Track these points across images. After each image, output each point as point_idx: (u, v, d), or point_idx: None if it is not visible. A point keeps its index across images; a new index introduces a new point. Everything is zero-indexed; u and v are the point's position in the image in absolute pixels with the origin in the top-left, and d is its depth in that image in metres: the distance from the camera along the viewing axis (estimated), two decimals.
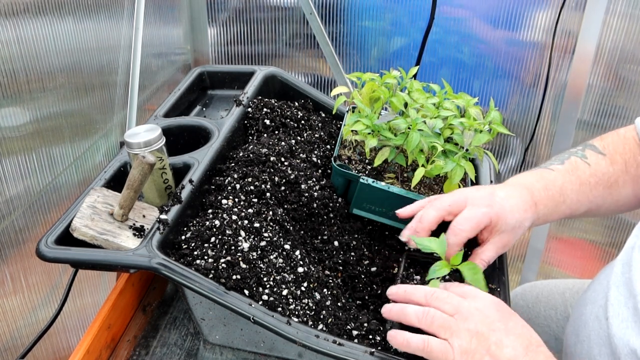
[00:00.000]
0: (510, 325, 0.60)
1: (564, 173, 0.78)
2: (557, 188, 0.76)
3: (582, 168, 0.78)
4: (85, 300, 1.20)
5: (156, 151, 0.80)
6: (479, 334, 0.59)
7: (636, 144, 0.79)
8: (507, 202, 0.73)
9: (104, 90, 1.22)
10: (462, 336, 0.59)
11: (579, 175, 0.78)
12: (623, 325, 0.63)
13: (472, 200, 0.73)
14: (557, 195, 0.76)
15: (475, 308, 0.61)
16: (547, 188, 0.76)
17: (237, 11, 1.64)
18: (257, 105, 1.02)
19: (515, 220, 0.73)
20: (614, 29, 1.42)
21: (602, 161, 0.78)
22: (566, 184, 0.77)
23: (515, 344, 0.58)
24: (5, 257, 0.96)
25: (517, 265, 1.84)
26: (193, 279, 0.67)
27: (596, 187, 0.77)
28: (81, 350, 0.72)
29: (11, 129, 0.93)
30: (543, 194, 0.76)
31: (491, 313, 0.61)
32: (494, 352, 0.58)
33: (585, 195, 0.77)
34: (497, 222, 0.72)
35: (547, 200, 0.76)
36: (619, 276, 0.67)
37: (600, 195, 0.78)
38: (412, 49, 1.59)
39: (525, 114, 1.60)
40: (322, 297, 0.72)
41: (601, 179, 0.78)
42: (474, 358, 0.58)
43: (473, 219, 0.71)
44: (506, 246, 0.75)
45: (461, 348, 0.59)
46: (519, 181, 0.77)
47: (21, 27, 0.92)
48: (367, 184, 0.83)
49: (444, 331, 0.61)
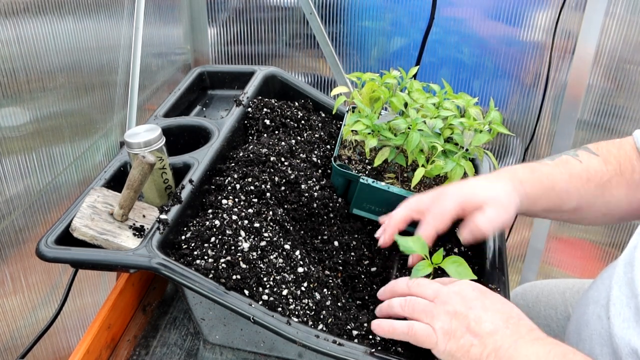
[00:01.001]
0: (488, 303, 0.62)
1: (553, 166, 0.77)
2: (545, 174, 0.75)
3: (573, 163, 0.77)
4: (85, 300, 1.20)
5: (156, 151, 0.80)
6: (457, 313, 0.61)
7: (633, 150, 0.78)
8: (478, 183, 0.73)
9: (104, 90, 1.22)
10: (442, 318, 0.62)
11: (569, 169, 0.76)
12: (624, 325, 0.63)
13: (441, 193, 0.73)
14: (545, 179, 0.75)
15: (453, 292, 0.63)
16: (534, 171, 0.75)
17: (237, 11, 1.64)
18: (257, 105, 1.02)
19: (493, 190, 0.71)
20: (614, 29, 1.42)
21: (595, 160, 0.77)
22: (555, 174, 0.76)
23: (494, 318, 0.60)
24: (5, 257, 0.96)
25: (517, 265, 1.84)
26: (193, 279, 0.67)
27: (587, 183, 0.76)
28: (81, 350, 0.72)
29: (11, 128, 0.93)
30: (529, 175, 0.75)
31: (468, 293, 0.63)
32: (474, 328, 0.60)
33: (576, 188, 0.76)
34: (471, 200, 0.71)
35: (534, 181, 0.74)
36: (622, 276, 0.67)
37: (591, 193, 0.76)
38: (412, 49, 1.59)
39: (525, 114, 1.60)
40: (322, 297, 0.72)
41: (593, 175, 0.76)
42: (456, 336, 0.60)
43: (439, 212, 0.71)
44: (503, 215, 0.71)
45: (442, 329, 0.61)
46: (504, 169, 0.76)
47: (21, 27, 0.92)
48: (367, 184, 0.83)
49: (425, 315, 0.63)
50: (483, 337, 0.59)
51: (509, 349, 0.57)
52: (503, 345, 0.58)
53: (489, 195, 0.71)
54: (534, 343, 0.57)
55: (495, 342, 0.58)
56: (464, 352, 0.59)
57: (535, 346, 0.57)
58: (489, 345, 0.58)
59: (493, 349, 0.58)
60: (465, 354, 0.59)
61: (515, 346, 0.57)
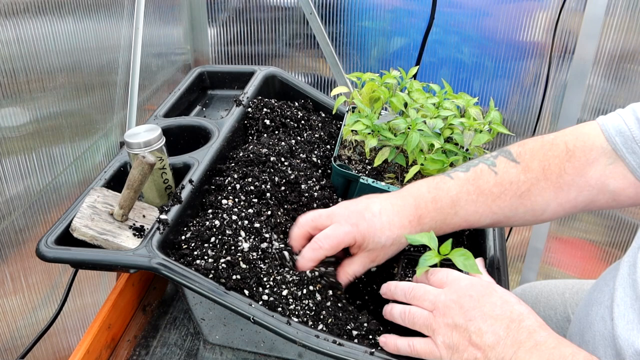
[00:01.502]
0: (487, 309, 0.60)
1: (463, 182, 0.74)
2: (448, 200, 0.73)
3: (486, 177, 0.74)
4: (85, 300, 1.20)
5: (156, 151, 0.80)
6: (457, 326, 0.60)
7: (565, 149, 0.74)
8: (378, 219, 0.71)
9: (104, 90, 1.22)
10: (442, 332, 0.61)
11: (479, 185, 0.73)
12: (629, 327, 0.62)
13: (339, 217, 0.71)
14: (447, 207, 0.73)
15: (450, 300, 0.62)
16: (436, 200, 0.73)
17: (237, 11, 1.64)
18: (257, 105, 1.02)
19: (386, 238, 0.71)
20: (614, 29, 1.42)
21: (513, 169, 0.74)
22: (461, 195, 0.73)
23: (495, 327, 0.59)
24: (5, 257, 0.96)
25: (517, 265, 1.84)
26: (193, 279, 0.67)
27: (501, 197, 0.73)
28: (81, 350, 0.72)
29: (11, 129, 0.93)
30: (430, 206, 0.73)
31: (466, 302, 0.61)
32: (475, 341, 0.59)
33: (487, 206, 0.73)
34: (362, 241, 0.71)
35: (435, 212, 0.73)
36: (625, 277, 0.67)
37: (507, 206, 0.74)
38: (412, 49, 1.59)
39: (525, 114, 1.60)
40: (322, 298, 0.72)
41: (508, 188, 0.73)
42: (459, 350, 0.60)
43: (333, 238, 0.70)
44: (374, 261, 0.74)
45: (444, 344, 0.60)
46: (411, 192, 0.74)
47: (21, 27, 0.92)
48: (367, 184, 0.83)
49: (426, 329, 0.62)
50: (485, 350, 0.58)
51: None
52: (504, 357, 0.58)
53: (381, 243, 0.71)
54: (533, 352, 0.57)
55: (498, 354, 0.58)
56: None
57: (534, 356, 0.57)
58: (492, 358, 0.58)
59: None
60: None
61: (515, 358, 0.57)
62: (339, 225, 0.71)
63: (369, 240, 0.71)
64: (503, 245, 0.83)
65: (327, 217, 0.73)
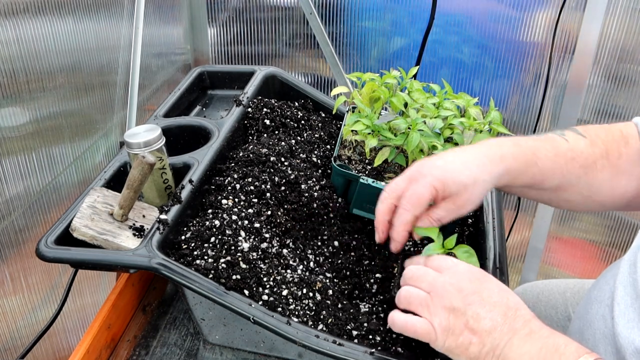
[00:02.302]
0: (485, 295, 0.60)
1: (539, 141, 0.74)
2: (529, 147, 0.73)
3: (559, 141, 0.75)
4: (85, 300, 1.20)
5: (156, 151, 0.80)
6: (455, 309, 0.60)
7: (621, 135, 0.76)
8: (452, 163, 0.69)
9: (104, 90, 1.22)
10: (440, 314, 0.61)
11: (555, 146, 0.74)
12: (629, 326, 0.63)
13: (413, 175, 0.70)
14: (529, 154, 0.72)
15: (449, 283, 0.62)
16: (517, 144, 0.73)
17: (237, 11, 1.64)
18: (257, 105, 1.02)
19: (466, 177, 0.68)
20: (614, 28, 1.42)
21: (582, 141, 0.76)
22: (540, 149, 0.73)
23: (493, 313, 0.59)
24: (5, 257, 0.96)
25: (517, 265, 1.84)
26: (193, 279, 0.67)
27: (572, 162, 0.74)
28: (81, 350, 0.72)
29: (11, 129, 0.93)
30: (513, 149, 0.71)
31: (465, 286, 0.61)
32: (472, 325, 0.59)
33: (559, 166, 0.73)
34: (442, 187, 0.68)
35: (517, 154, 0.71)
36: (626, 276, 0.67)
37: (575, 173, 0.74)
38: (412, 49, 1.59)
39: (525, 114, 1.60)
40: (322, 298, 0.72)
41: (579, 156, 0.74)
42: (454, 333, 0.60)
43: (412, 195, 0.69)
44: (462, 207, 0.70)
45: (441, 326, 0.60)
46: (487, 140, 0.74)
47: (21, 27, 0.92)
48: (367, 184, 0.83)
49: (422, 309, 0.62)
50: (482, 335, 0.59)
51: (504, 347, 0.57)
52: (500, 344, 0.58)
53: (463, 183, 0.68)
54: (527, 340, 0.57)
55: (494, 340, 0.58)
56: (463, 349, 0.59)
57: (527, 344, 0.57)
58: (487, 343, 0.58)
59: (491, 348, 0.58)
60: (464, 351, 0.59)
61: (509, 344, 0.57)
62: (415, 182, 0.70)
63: (448, 183, 0.68)
64: (503, 245, 0.83)
65: (403, 180, 0.71)
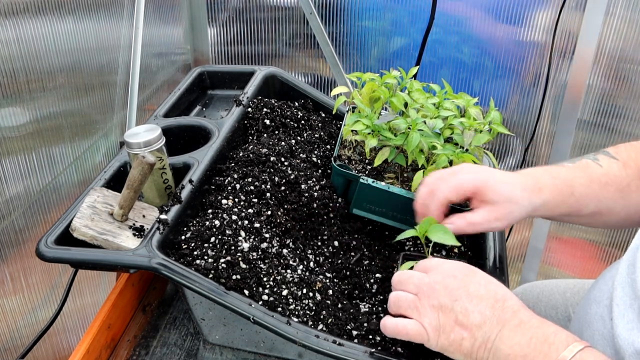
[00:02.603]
0: (472, 289, 0.61)
1: (573, 169, 0.76)
2: (564, 180, 0.75)
3: (593, 167, 0.77)
4: (85, 300, 1.20)
5: (156, 151, 0.80)
6: (443, 307, 0.60)
7: None
8: (499, 174, 0.72)
9: (104, 90, 1.22)
10: (428, 314, 0.61)
11: (589, 173, 0.76)
12: (629, 327, 0.63)
13: (460, 169, 0.74)
14: (564, 186, 0.74)
15: (434, 282, 0.62)
16: (553, 177, 0.74)
17: (237, 11, 1.64)
18: (257, 105, 1.02)
19: (509, 192, 0.70)
20: (614, 29, 1.42)
21: (615, 164, 0.77)
22: (575, 179, 0.75)
23: (480, 307, 0.59)
24: (5, 257, 0.96)
25: (517, 265, 1.84)
26: (193, 279, 0.67)
27: (606, 187, 0.75)
28: (81, 350, 0.72)
29: (11, 129, 0.93)
30: (549, 181, 0.74)
31: (450, 282, 0.62)
32: (462, 321, 0.59)
33: (595, 193, 0.75)
34: (484, 188, 0.70)
35: (554, 187, 0.74)
36: (624, 277, 0.67)
37: (610, 197, 0.76)
38: (412, 49, 1.59)
39: (525, 114, 1.60)
40: (322, 298, 0.72)
41: (613, 180, 0.76)
42: (445, 331, 0.60)
43: (455, 181, 0.71)
44: (497, 219, 0.71)
45: (431, 325, 0.61)
46: (526, 171, 0.76)
47: (21, 27, 0.92)
48: (367, 184, 0.83)
49: (412, 311, 0.63)
50: (472, 329, 0.59)
51: (495, 340, 0.58)
52: (490, 337, 0.58)
53: (503, 194, 0.70)
54: (517, 330, 0.57)
55: (484, 333, 0.58)
56: (456, 346, 0.60)
57: (517, 335, 0.57)
58: (479, 337, 0.59)
59: (483, 341, 0.58)
60: (457, 348, 0.60)
61: (500, 336, 0.58)
62: (461, 173, 0.72)
63: (489, 187, 0.70)
64: (503, 245, 0.83)
65: (449, 174, 0.74)
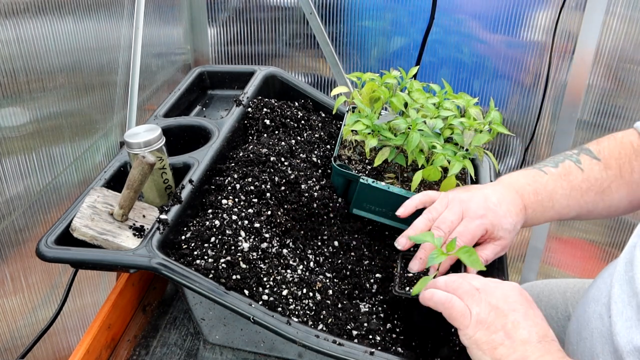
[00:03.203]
0: (530, 313, 0.61)
1: (556, 177, 0.79)
2: (547, 193, 0.78)
3: (575, 173, 0.79)
4: (85, 300, 1.20)
5: (156, 151, 0.80)
6: (498, 309, 0.61)
7: (632, 149, 0.79)
8: (500, 208, 0.75)
9: (104, 90, 1.22)
10: (482, 306, 0.61)
11: (570, 180, 0.79)
12: (627, 324, 0.63)
13: (467, 212, 0.75)
14: (546, 200, 0.78)
15: (499, 289, 0.63)
16: (537, 192, 0.78)
17: (237, 11, 1.64)
18: (257, 105, 1.02)
19: (510, 224, 0.75)
20: (613, 29, 1.42)
21: (596, 167, 0.80)
22: (557, 189, 0.78)
23: (532, 329, 0.59)
24: (5, 257, 0.96)
25: (517, 265, 1.84)
26: (193, 279, 0.67)
27: (587, 193, 0.79)
28: (81, 350, 0.72)
29: (11, 129, 0.93)
30: (532, 198, 0.78)
31: (514, 295, 0.62)
32: (510, 330, 0.59)
33: (576, 201, 0.79)
34: (492, 230, 0.75)
35: (536, 205, 0.78)
36: (622, 275, 0.67)
37: (591, 201, 0.79)
38: (412, 49, 1.59)
39: (525, 114, 1.60)
40: (322, 297, 0.72)
41: (593, 184, 0.79)
42: (489, 329, 0.60)
43: (468, 234, 0.74)
44: (505, 249, 0.77)
45: (478, 316, 0.60)
46: (511, 182, 0.79)
47: (21, 27, 0.92)
48: (367, 184, 0.83)
49: (467, 297, 0.62)
50: (515, 341, 0.59)
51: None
52: (531, 357, 0.57)
53: (507, 229, 0.75)
54: None
55: (525, 350, 0.58)
56: (491, 347, 0.59)
57: None
58: (518, 351, 0.58)
59: (521, 357, 0.58)
60: (491, 349, 0.59)
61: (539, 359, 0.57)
62: (470, 220, 0.75)
63: (498, 228, 0.75)
64: None
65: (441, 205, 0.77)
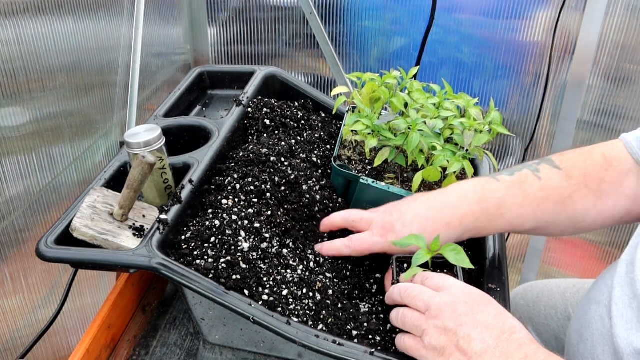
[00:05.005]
0: (479, 317, 0.60)
1: (508, 185, 0.75)
2: (495, 201, 0.74)
3: (531, 182, 0.74)
4: (85, 300, 1.20)
5: (156, 151, 0.80)
6: (447, 330, 0.60)
7: (603, 159, 0.75)
8: (408, 229, 0.73)
9: (104, 90, 1.22)
10: (431, 334, 0.61)
11: (524, 189, 0.74)
12: (627, 326, 0.62)
13: (374, 226, 0.77)
14: (493, 208, 0.73)
15: (444, 303, 0.62)
16: (482, 200, 0.74)
17: (237, 11, 1.64)
18: (257, 105, 1.02)
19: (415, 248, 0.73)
20: (613, 29, 1.42)
21: (556, 175, 0.75)
22: (508, 197, 0.74)
23: (485, 336, 0.59)
24: (5, 257, 0.96)
25: (517, 265, 1.84)
26: (193, 279, 0.67)
27: (545, 202, 0.74)
28: (81, 350, 0.72)
29: (11, 129, 0.93)
30: (476, 206, 0.73)
31: (459, 307, 0.61)
32: (463, 346, 0.59)
33: (531, 210, 0.74)
34: (391, 252, 0.76)
35: (480, 213, 0.73)
36: (623, 276, 0.67)
37: (550, 212, 0.74)
38: (412, 49, 1.59)
39: (525, 114, 1.60)
40: (322, 298, 0.72)
41: (552, 193, 0.74)
42: (445, 354, 0.60)
43: (363, 245, 0.77)
44: None
45: (431, 345, 0.61)
46: (454, 190, 0.76)
47: (21, 27, 0.92)
48: (367, 184, 0.83)
49: (416, 329, 0.63)
50: (472, 357, 0.58)
51: None
52: None
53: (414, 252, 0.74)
54: None
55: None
56: None
57: None
58: None
59: None
60: None
61: None
62: (371, 235, 0.76)
63: (395, 251, 0.75)
64: (503, 245, 0.83)
65: (367, 222, 0.78)
